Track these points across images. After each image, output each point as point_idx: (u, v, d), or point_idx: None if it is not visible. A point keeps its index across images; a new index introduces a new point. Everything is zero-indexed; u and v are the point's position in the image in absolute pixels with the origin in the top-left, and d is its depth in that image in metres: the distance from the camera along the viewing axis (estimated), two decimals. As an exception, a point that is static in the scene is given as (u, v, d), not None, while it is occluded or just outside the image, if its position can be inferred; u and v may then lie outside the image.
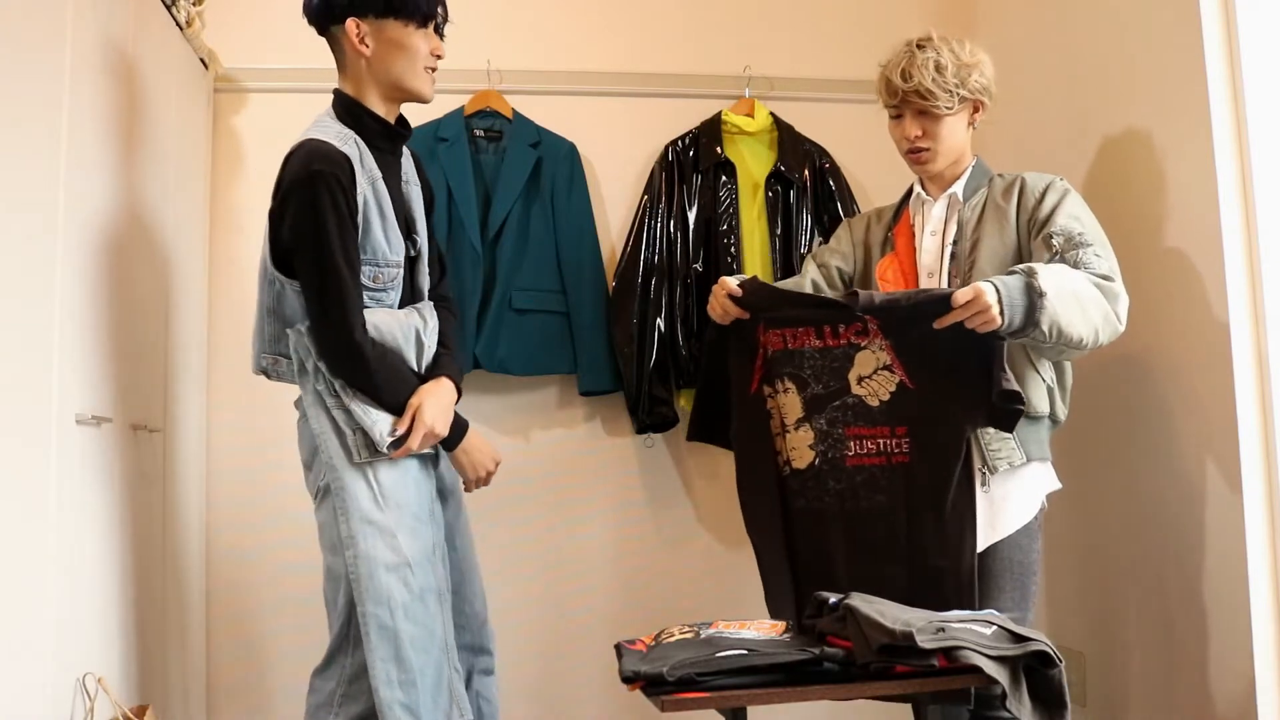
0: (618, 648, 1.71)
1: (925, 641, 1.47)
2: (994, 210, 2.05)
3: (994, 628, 1.56)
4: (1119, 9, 2.37)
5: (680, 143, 2.85)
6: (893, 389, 1.89)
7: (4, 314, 1.68)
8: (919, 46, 2.03)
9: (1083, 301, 1.82)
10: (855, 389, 1.92)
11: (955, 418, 1.85)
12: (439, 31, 2.04)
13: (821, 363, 1.94)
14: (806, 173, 2.84)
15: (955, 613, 1.62)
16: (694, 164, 2.82)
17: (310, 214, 1.87)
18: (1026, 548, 1.97)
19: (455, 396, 2.04)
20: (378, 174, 1.97)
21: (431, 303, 2.10)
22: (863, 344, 1.90)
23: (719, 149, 2.81)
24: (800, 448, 1.97)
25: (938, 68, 1.99)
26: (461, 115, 2.77)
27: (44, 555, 1.77)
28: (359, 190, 1.91)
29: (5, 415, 1.67)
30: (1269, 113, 2.03)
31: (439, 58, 2.01)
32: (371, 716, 1.95)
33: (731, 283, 1.97)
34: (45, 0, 1.83)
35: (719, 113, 2.86)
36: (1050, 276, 1.78)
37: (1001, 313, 1.73)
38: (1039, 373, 2.00)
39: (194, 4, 2.64)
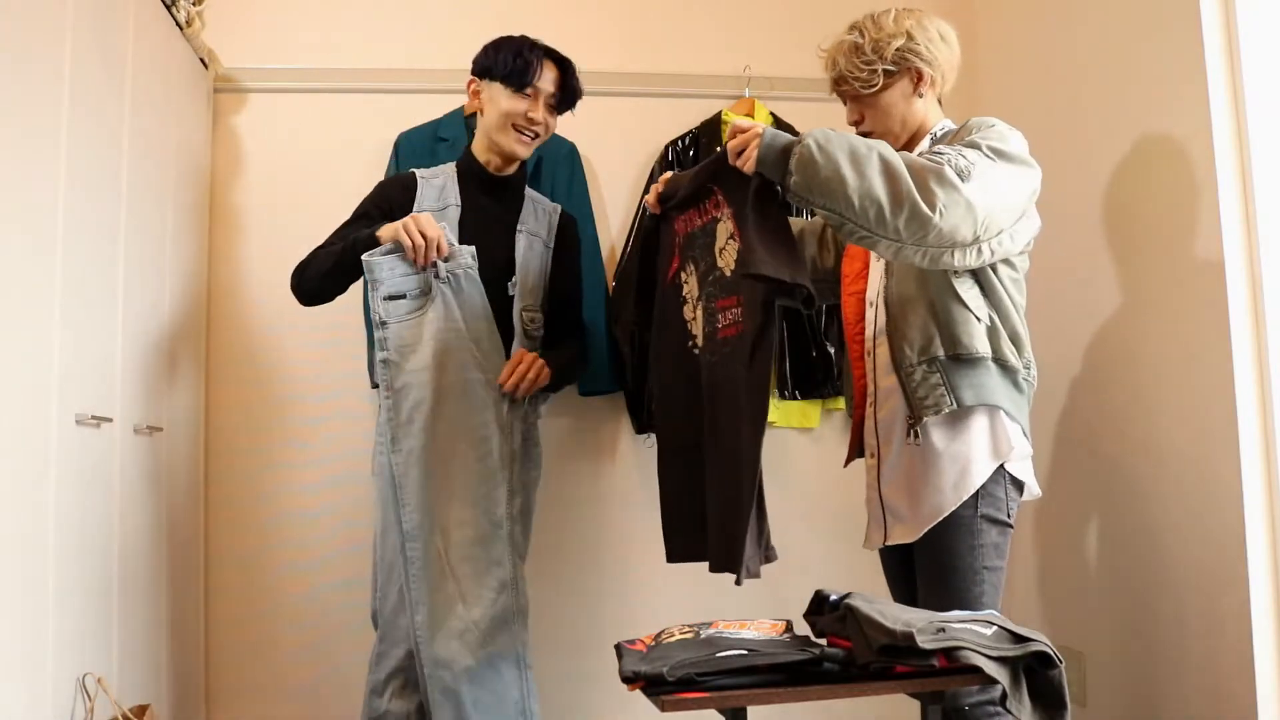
0: (618, 648, 1.71)
1: (925, 642, 1.47)
2: None
3: (994, 628, 1.56)
4: (1120, 9, 2.37)
5: (680, 143, 2.85)
6: (736, 257, 1.88)
7: (4, 314, 1.68)
8: (850, 29, 1.96)
9: (862, 164, 1.65)
10: (718, 261, 1.93)
11: (759, 289, 1.77)
12: (558, 106, 2.26)
13: (702, 240, 1.99)
14: (806, 173, 2.84)
15: (956, 613, 1.62)
16: (694, 164, 2.81)
17: None
18: (957, 550, 1.78)
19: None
20: (454, 203, 2.24)
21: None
22: (719, 216, 1.93)
23: (719, 149, 2.80)
24: (699, 325, 1.99)
25: (854, 49, 1.92)
26: (461, 115, 2.77)
27: (44, 555, 1.77)
28: (420, 203, 2.21)
29: (5, 415, 1.67)
30: (1269, 112, 2.03)
31: (532, 121, 2.21)
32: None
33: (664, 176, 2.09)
34: (45, 0, 1.83)
35: (719, 113, 2.87)
36: (830, 134, 1.69)
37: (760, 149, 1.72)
38: (969, 309, 1.80)
39: (194, 4, 2.65)
